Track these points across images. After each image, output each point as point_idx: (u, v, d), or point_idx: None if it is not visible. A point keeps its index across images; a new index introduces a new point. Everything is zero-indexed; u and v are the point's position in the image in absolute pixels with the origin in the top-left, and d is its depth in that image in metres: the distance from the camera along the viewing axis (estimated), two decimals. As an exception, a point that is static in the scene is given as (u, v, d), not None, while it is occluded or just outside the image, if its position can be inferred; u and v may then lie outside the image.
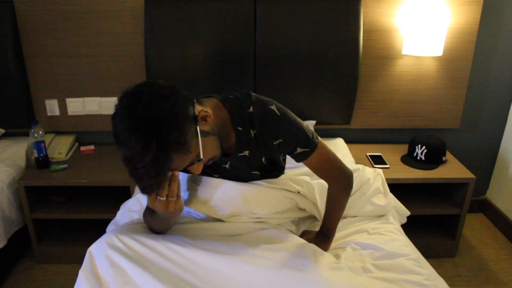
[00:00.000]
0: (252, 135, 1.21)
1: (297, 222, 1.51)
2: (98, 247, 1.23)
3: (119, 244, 1.20)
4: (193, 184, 1.36)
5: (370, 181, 1.62)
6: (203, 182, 1.34)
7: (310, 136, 1.23)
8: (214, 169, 1.32)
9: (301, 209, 1.50)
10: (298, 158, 1.27)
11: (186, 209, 1.39)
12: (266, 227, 1.36)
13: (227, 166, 1.29)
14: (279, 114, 1.20)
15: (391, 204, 1.61)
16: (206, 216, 1.37)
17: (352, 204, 1.57)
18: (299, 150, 1.23)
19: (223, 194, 1.31)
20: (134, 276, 1.13)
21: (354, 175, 1.47)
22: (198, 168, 1.09)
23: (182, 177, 1.39)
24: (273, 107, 1.20)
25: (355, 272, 1.25)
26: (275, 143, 1.22)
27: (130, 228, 1.29)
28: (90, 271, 1.19)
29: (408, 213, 1.75)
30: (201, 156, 1.05)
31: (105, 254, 1.19)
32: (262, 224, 1.38)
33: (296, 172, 1.54)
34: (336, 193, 1.34)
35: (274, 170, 1.36)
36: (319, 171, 1.32)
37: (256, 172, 1.33)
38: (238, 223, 1.36)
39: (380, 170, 1.71)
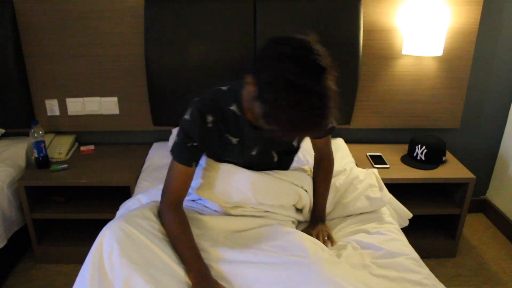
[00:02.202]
0: None
1: (297, 225, 1.53)
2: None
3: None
4: (206, 171, 1.38)
5: (360, 177, 1.66)
6: (215, 169, 1.37)
7: None
8: (242, 155, 1.34)
9: (298, 210, 1.52)
10: (323, 135, 1.42)
11: (201, 201, 1.44)
12: (271, 222, 1.38)
13: (254, 152, 1.33)
14: None
15: (387, 196, 1.62)
16: (219, 208, 1.40)
17: (348, 201, 1.58)
18: (329, 126, 1.31)
19: (234, 181, 1.35)
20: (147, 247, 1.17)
21: (342, 175, 1.64)
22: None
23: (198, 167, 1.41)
24: None
25: (356, 268, 1.25)
26: None
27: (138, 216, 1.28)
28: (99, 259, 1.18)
29: (410, 215, 1.75)
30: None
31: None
32: (267, 220, 1.39)
33: (296, 168, 1.58)
34: (328, 173, 1.53)
35: (293, 153, 1.45)
36: (324, 148, 1.49)
37: (274, 155, 1.37)
38: (246, 218, 1.37)
39: (375, 170, 1.73)
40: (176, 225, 1.24)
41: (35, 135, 1.96)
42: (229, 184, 1.35)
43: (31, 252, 2.16)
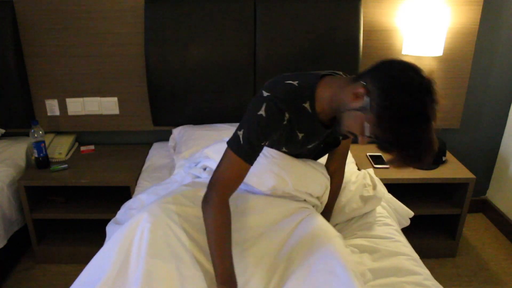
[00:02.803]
0: None
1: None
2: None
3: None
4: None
5: (352, 179, 1.67)
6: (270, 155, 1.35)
7: None
8: (302, 147, 1.32)
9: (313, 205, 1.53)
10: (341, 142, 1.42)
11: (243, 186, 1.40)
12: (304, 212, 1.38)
13: (311, 146, 1.32)
14: None
15: (380, 192, 1.62)
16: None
17: (343, 205, 1.58)
18: None
19: (273, 165, 1.32)
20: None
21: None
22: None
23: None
24: None
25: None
26: None
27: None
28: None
29: (411, 213, 1.75)
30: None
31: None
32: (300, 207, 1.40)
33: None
34: (342, 179, 1.55)
35: (334, 146, 1.42)
36: (344, 155, 1.49)
37: (321, 146, 1.39)
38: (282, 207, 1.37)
39: (370, 169, 1.74)
40: (218, 227, 1.15)
41: (35, 135, 1.96)
42: (267, 168, 1.32)
43: (31, 252, 2.16)
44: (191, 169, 1.59)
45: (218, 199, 1.15)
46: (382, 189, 1.67)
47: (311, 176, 1.40)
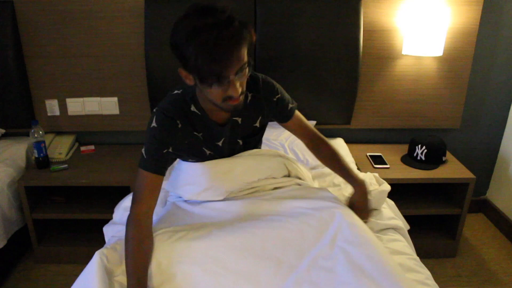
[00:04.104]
0: (248, 100, 1.31)
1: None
2: None
3: None
4: (186, 176, 1.39)
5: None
6: (194, 170, 1.36)
7: None
8: (209, 147, 1.34)
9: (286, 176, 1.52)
10: (288, 114, 1.41)
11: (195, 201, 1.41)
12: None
13: (220, 143, 1.33)
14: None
15: (386, 187, 1.63)
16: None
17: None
18: (290, 105, 1.40)
19: (218, 172, 1.35)
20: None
21: (336, 188, 1.69)
22: (235, 88, 1.11)
23: (174, 174, 1.43)
24: None
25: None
26: (274, 99, 1.36)
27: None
28: None
29: (408, 227, 1.72)
30: (247, 67, 1.12)
31: None
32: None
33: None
34: (334, 154, 1.46)
35: (258, 134, 1.44)
36: (305, 130, 1.47)
37: (240, 141, 1.38)
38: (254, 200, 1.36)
39: (375, 174, 1.75)
40: (135, 241, 1.17)
41: (35, 135, 1.96)
42: (210, 180, 1.35)
43: (31, 252, 2.16)
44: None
45: (136, 214, 1.20)
46: (387, 185, 1.66)
47: (257, 160, 1.41)
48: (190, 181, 1.38)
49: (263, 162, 1.43)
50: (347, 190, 1.62)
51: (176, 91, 1.28)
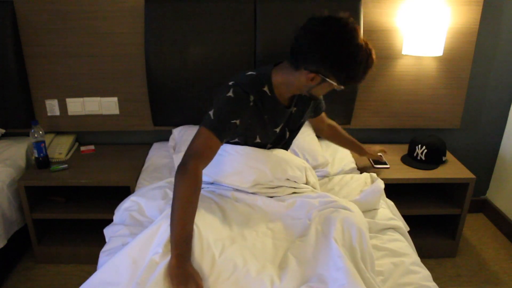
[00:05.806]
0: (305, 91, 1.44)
1: None
2: None
3: None
4: (219, 157, 1.47)
5: (350, 182, 1.77)
6: (229, 152, 1.46)
7: None
8: (264, 134, 1.46)
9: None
10: (322, 108, 1.75)
11: (213, 187, 1.52)
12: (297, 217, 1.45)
13: (278, 129, 1.48)
14: None
15: (380, 183, 1.66)
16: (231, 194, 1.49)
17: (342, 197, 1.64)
18: (322, 100, 1.73)
19: (250, 160, 1.44)
20: None
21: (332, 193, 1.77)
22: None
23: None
24: None
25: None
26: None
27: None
28: None
29: (408, 228, 1.72)
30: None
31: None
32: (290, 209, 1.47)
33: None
34: (335, 124, 1.91)
35: (298, 132, 1.61)
36: (324, 121, 1.85)
37: (287, 133, 1.55)
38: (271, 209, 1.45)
39: (373, 174, 1.78)
40: (190, 194, 1.22)
41: (35, 135, 1.96)
42: (244, 164, 1.44)
43: (31, 252, 2.16)
44: None
45: (193, 168, 1.24)
46: (381, 183, 1.67)
47: (287, 160, 1.52)
48: (223, 160, 1.46)
49: (292, 164, 1.53)
50: (341, 193, 1.69)
51: (250, 72, 1.41)
